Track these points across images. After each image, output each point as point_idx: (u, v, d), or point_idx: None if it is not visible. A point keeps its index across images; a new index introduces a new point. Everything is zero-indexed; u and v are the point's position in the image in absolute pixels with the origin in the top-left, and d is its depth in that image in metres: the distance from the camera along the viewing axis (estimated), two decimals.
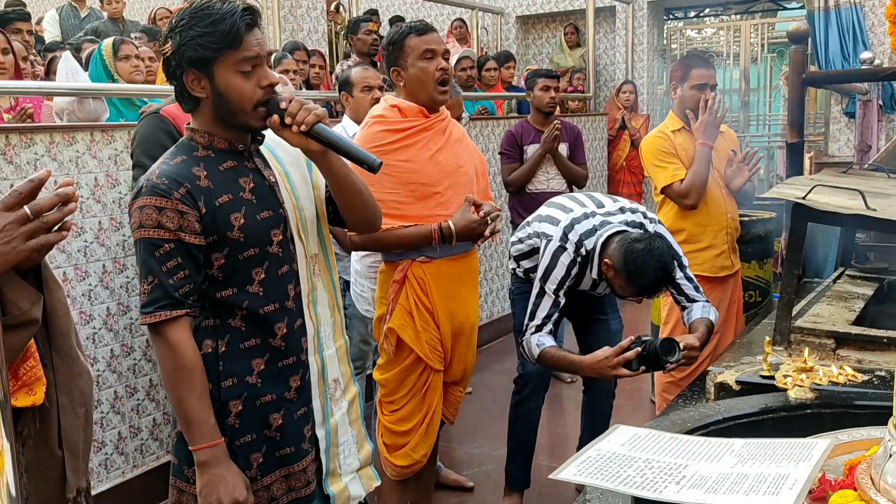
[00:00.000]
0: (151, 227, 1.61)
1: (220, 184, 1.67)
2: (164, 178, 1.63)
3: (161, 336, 1.64)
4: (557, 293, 2.69)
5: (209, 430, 1.65)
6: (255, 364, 1.71)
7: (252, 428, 1.72)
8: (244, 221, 1.67)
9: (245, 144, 1.73)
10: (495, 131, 5.77)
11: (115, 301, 3.23)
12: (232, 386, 1.70)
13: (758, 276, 3.94)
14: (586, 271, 2.68)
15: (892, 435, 1.23)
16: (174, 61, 1.64)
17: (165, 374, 1.66)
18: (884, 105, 6.84)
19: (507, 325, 5.67)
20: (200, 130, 1.71)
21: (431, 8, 8.77)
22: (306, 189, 1.85)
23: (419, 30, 2.57)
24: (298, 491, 1.78)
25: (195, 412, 1.64)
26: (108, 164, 3.19)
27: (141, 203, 1.63)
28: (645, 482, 1.29)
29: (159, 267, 1.62)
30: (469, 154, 2.70)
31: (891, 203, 2.20)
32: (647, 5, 8.27)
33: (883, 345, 2.13)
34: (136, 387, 3.33)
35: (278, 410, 1.74)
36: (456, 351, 2.68)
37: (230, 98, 1.64)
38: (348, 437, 1.91)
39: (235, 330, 1.70)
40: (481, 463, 3.79)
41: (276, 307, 1.72)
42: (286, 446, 1.75)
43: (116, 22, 6.14)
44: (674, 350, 2.32)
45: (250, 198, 1.70)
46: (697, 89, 3.33)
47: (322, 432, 1.83)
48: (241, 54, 1.62)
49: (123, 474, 3.27)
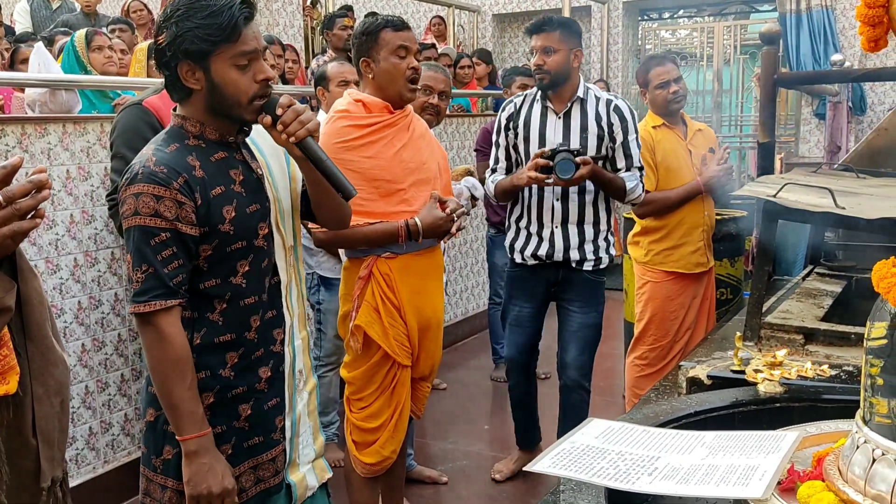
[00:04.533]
0: (148, 214, 1.60)
1: (212, 175, 1.67)
2: (161, 166, 1.61)
3: (152, 326, 1.62)
4: (498, 134, 3.32)
5: (198, 419, 1.65)
6: (228, 357, 1.72)
7: (222, 420, 1.72)
8: (234, 215, 1.68)
9: (234, 136, 1.73)
10: (471, 128, 5.79)
11: (87, 295, 3.19)
12: (205, 378, 1.70)
13: (729, 274, 3.99)
14: (522, 106, 3.25)
15: (859, 427, 1.26)
16: (169, 52, 1.61)
17: (155, 364, 1.64)
18: (853, 107, 6.95)
19: (481, 322, 5.70)
20: (191, 119, 1.69)
21: (408, 5, 8.75)
22: (284, 181, 1.85)
23: (395, 25, 2.55)
24: (267, 481, 1.79)
25: (185, 403, 1.63)
26: (80, 156, 3.15)
27: (137, 189, 1.60)
28: (618, 474, 1.30)
29: (154, 256, 1.60)
30: (432, 150, 2.69)
31: (859, 202, 2.24)
32: (622, 6, 8.33)
33: (850, 340, 2.17)
34: (108, 382, 3.30)
35: (247, 401, 1.74)
36: (423, 346, 2.68)
37: (226, 91, 1.63)
38: (307, 427, 1.92)
39: (213, 323, 1.70)
40: (455, 458, 3.80)
41: (255, 300, 1.73)
42: (254, 436, 1.76)
43: (89, 16, 6.06)
44: (569, 168, 2.93)
45: (240, 191, 1.70)
46: (661, 87, 3.42)
47: (288, 422, 1.84)
48: (238, 48, 1.61)
49: (94, 469, 3.24)
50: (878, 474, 1.19)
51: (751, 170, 8.11)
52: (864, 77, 4.24)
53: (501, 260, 4.82)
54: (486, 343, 5.24)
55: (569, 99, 3.18)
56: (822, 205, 2.11)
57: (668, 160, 3.41)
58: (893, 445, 1.18)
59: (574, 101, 3.18)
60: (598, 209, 3.21)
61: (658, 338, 3.51)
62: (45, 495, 1.41)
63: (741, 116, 9.03)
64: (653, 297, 3.51)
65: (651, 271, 3.51)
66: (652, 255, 3.49)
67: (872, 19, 1.19)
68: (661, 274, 3.48)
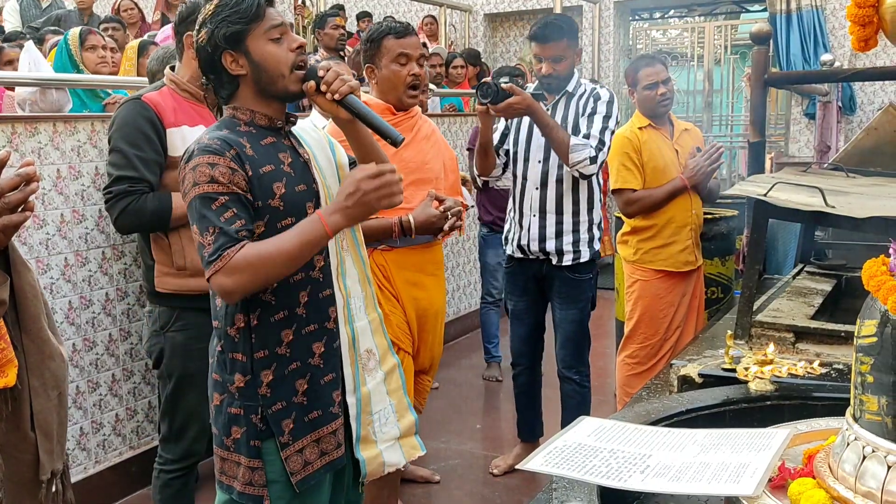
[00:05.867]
0: (205, 182, 1.67)
1: (262, 155, 1.76)
2: (214, 139, 1.71)
3: (236, 268, 1.65)
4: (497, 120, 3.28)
5: (310, 225, 1.69)
6: (283, 335, 1.79)
7: (282, 395, 1.79)
8: (284, 191, 1.76)
9: (283, 121, 1.84)
10: (462, 128, 5.80)
11: (78, 295, 3.18)
12: (264, 357, 1.77)
13: (720, 273, 4.01)
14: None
15: (849, 425, 1.27)
16: (210, 47, 1.75)
17: (268, 278, 1.68)
18: (843, 107, 6.98)
19: (473, 321, 5.71)
20: (242, 108, 1.80)
21: (399, 4, 8.75)
22: (331, 169, 1.94)
23: (398, 32, 2.61)
24: (330, 454, 1.85)
25: (295, 241, 1.68)
26: (70, 155, 3.14)
27: (193, 164, 1.69)
28: (610, 471, 1.31)
29: (218, 217, 1.66)
30: (437, 151, 2.73)
31: (849, 201, 2.25)
32: (613, 5, 8.35)
33: (840, 338, 2.18)
34: (99, 382, 3.29)
35: (303, 376, 1.81)
36: (422, 339, 2.72)
37: (267, 65, 1.76)
38: (385, 405, 1.98)
39: (266, 303, 1.77)
40: (447, 457, 3.81)
41: (303, 276, 1.80)
42: (313, 410, 1.83)
43: (83, 14, 6.04)
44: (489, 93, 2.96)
45: (289, 171, 1.79)
46: (650, 88, 3.44)
47: (353, 399, 1.90)
48: (268, 23, 1.75)
49: (85, 470, 3.23)
50: (868, 471, 1.20)
51: (741, 169, 8.15)
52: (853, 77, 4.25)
53: (493, 259, 4.83)
54: (478, 342, 5.24)
55: (559, 92, 3.30)
56: (813, 204, 2.12)
57: (654, 160, 3.42)
58: (883, 442, 1.19)
59: (562, 94, 3.29)
60: (577, 199, 3.26)
61: (648, 336, 3.53)
62: (45, 488, 1.41)
63: (732, 116, 9.07)
64: (642, 295, 3.52)
65: (640, 270, 3.53)
66: (641, 254, 3.50)
67: (863, 19, 1.20)
68: (650, 272, 3.49)
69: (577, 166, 3.13)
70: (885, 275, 1.24)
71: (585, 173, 3.17)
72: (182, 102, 2.49)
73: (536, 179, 3.27)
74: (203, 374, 2.52)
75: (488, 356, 5.06)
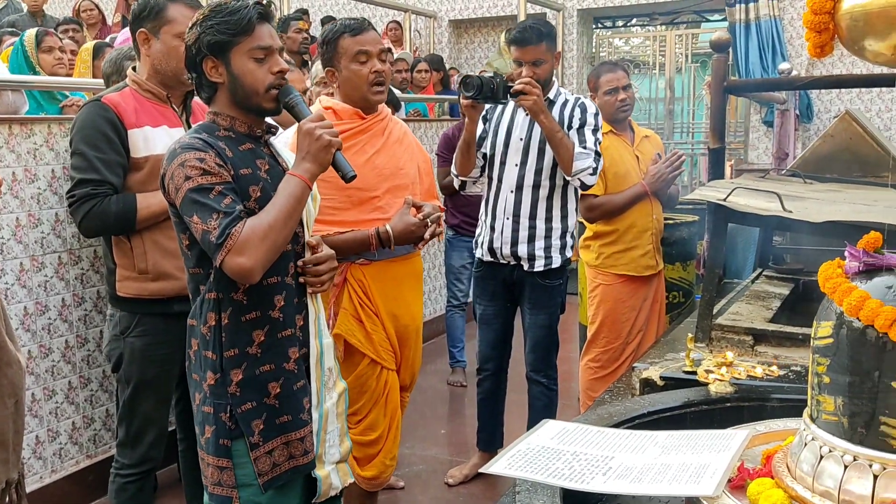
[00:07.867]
0: (198, 175, 1.70)
1: (241, 159, 1.80)
2: (196, 139, 1.76)
3: (246, 242, 1.68)
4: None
5: (288, 182, 1.77)
6: (255, 335, 1.80)
7: (252, 396, 1.80)
8: (260, 195, 1.79)
9: (262, 130, 1.89)
10: (427, 133, 5.79)
11: (33, 300, 3.12)
12: (234, 356, 1.78)
13: (681, 278, 4.06)
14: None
15: (806, 425, 1.29)
16: (194, 49, 1.79)
17: (272, 243, 1.71)
18: (800, 115, 7.12)
19: (439, 326, 5.69)
20: (222, 114, 1.84)
21: (364, 9, 8.73)
22: None
23: (353, 29, 2.50)
24: (297, 459, 1.86)
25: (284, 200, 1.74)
26: (26, 158, 3.07)
27: (180, 161, 1.72)
28: (573, 474, 1.31)
29: (218, 203, 1.69)
30: (410, 154, 2.65)
31: (806, 206, 2.30)
32: (576, 13, 8.42)
33: (798, 341, 2.22)
34: (55, 389, 3.22)
35: (276, 380, 1.83)
36: (403, 355, 2.66)
37: (244, 81, 1.79)
38: (335, 427, 2.01)
39: (237, 303, 1.78)
40: (412, 463, 3.79)
41: (278, 280, 1.82)
42: (284, 414, 1.84)
43: (35, 16, 5.93)
44: (472, 86, 2.92)
45: (265, 177, 1.82)
46: (610, 94, 3.49)
47: (316, 415, 1.92)
48: (254, 42, 1.79)
49: (41, 479, 3.16)
50: (825, 471, 1.22)
51: (703, 176, 8.26)
52: (810, 85, 4.34)
53: (458, 262, 4.82)
54: (444, 347, 5.23)
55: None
56: (771, 209, 2.16)
57: (615, 166, 3.46)
58: (840, 442, 1.21)
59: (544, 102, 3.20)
60: (551, 206, 3.23)
61: (610, 340, 3.55)
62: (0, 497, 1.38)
63: (693, 123, 9.19)
64: (604, 299, 3.55)
65: (602, 274, 3.56)
66: (602, 259, 3.53)
67: (818, 25, 1.23)
68: (612, 277, 3.52)
69: (580, 175, 3.11)
70: (841, 277, 1.26)
71: (588, 183, 3.15)
72: (144, 103, 2.45)
73: (512, 183, 3.23)
74: (161, 381, 2.51)
75: (453, 361, 5.05)
